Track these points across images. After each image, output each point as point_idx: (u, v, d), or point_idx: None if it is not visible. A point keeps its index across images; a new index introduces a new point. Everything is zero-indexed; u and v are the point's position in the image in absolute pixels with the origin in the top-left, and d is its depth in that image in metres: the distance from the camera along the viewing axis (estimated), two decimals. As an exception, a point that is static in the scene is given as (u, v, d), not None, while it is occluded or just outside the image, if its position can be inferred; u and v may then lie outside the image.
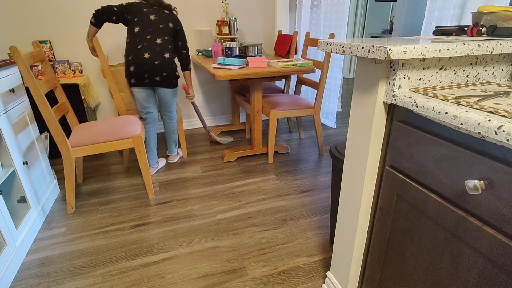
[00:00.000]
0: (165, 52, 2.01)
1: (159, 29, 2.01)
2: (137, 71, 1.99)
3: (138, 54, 1.97)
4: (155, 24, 2.01)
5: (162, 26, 2.02)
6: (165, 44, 2.02)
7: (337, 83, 3.10)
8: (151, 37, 1.99)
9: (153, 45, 1.98)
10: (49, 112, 1.66)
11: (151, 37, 1.99)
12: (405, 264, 0.90)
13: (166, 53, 2.01)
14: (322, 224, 1.75)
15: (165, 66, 2.02)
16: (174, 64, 2.07)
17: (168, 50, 2.03)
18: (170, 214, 1.85)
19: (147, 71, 1.99)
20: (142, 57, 1.96)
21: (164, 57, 2.00)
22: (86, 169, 2.42)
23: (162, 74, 2.02)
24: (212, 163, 2.48)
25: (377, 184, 0.97)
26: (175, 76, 2.11)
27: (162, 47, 2.00)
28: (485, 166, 0.63)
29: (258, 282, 1.38)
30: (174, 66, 2.08)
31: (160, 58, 1.99)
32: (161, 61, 1.99)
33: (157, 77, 2.02)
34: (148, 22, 2.01)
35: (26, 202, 1.67)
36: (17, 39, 2.53)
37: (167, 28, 2.04)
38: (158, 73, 2.01)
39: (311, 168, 2.39)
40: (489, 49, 0.81)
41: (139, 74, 2.00)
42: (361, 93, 0.92)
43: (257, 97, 2.35)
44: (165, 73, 2.03)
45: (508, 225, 0.61)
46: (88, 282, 1.38)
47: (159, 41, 2.00)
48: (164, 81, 2.06)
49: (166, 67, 2.02)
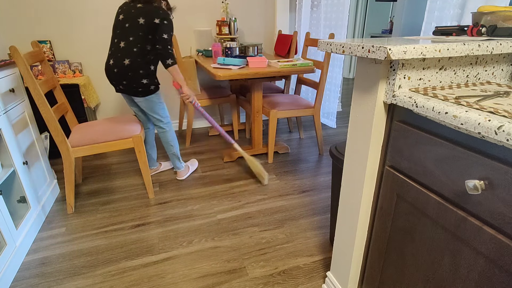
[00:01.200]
0: (126, 57, 1.77)
1: (124, 30, 1.78)
2: (108, 79, 1.88)
3: (107, 60, 1.85)
4: (121, 25, 1.80)
5: (129, 25, 1.77)
6: (128, 47, 1.77)
7: (337, 83, 3.10)
8: (117, 40, 1.80)
9: (117, 50, 1.79)
10: (49, 112, 1.66)
11: (117, 40, 1.80)
12: (405, 264, 0.90)
13: (127, 59, 1.77)
14: (322, 224, 1.75)
15: (124, 74, 1.79)
16: (140, 71, 1.80)
17: (130, 54, 1.77)
18: (170, 214, 1.85)
19: (112, 79, 1.85)
20: (108, 63, 1.82)
21: (123, 63, 1.77)
22: (86, 169, 2.42)
23: (123, 82, 1.81)
24: (212, 163, 2.48)
25: (377, 184, 0.97)
26: (140, 84, 1.82)
27: (124, 51, 1.77)
28: (485, 166, 0.63)
29: (258, 282, 1.38)
30: (138, 73, 1.80)
31: (119, 64, 1.78)
32: (119, 68, 1.78)
33: (119, 85, 1.85)
34: (117, 23, 1.83)
35: (26, 202, 1.67)
36: (17, 39, 2.53)
37: (134, 26, 1.76)
38: (118, 81, 1.82)
39: (311, 168, 2.39)
40: (489, 49, 0.81)
41: (110, 81, 1.88)
42: (361, 93, 0.92)
43: (257, 97, 2.35)
44: (125, 81, 1.80)
45: (508, 225, 0.61)
46: (88, 282, 1.38)
47: (122, 45, 1.78)
48: (127, 90, 1.85)
49: (124, 75, 1.79)
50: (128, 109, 3.02)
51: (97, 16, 2.65)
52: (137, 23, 1.76)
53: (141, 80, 1.82)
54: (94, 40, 2.71)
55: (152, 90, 1.89)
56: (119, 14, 1.82)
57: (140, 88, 1.83)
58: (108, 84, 2.88)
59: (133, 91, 1.84)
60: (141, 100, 1.90)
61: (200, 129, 3.25)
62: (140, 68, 1.80)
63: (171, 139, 2.09)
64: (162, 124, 2.04)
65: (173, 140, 2.10)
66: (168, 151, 2.13)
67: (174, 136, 2.11)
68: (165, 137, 2.07)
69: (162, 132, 2.06)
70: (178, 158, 2.17)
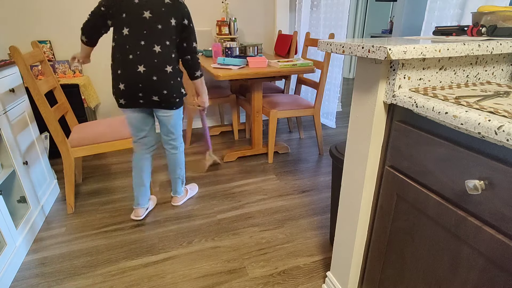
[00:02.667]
0: (167, 63, 1.52)
1: (158, 32, 1.49)
2: (129, 90, 1.51)
3: (129, 66, 1.47)
4: (151, 24, 1.47)
5: (162, 27, 1.49)
6: (167, 52, 1.51)
7: (337, 83, 3.10)
8: (147, 43, 1.48)
9: (150, 55, 1.48)
10: (49, 112, 1.66)
11: (146, 43, 1.48)
12: (405, 264, 0.90)
13: (169, 65, 1.52)
14: (322, 224, 1.75)
15: (166, 83, 1.53)
16: (178, 78, 1.59)
17: (171, 60, 1.53)
18: (170, 214, 1.85)
19: (142, 89, 1.51)
20: (136, 71, 1.47)
21: (165, 70, 1.51)
22: (86, 169, 2.42)
23: (162, 92, 1.53)
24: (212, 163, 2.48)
25: (377, 184, 0.97)
26: (180, 94, 1.61)
27: (163, 56, 1.50)
28: (485, 166, 0.63)
29: (258, 282, 1.38)
30: (178, 81, 1.59)
31: (160, 72, 1.50)
32: (160, 76, 1.51)
33: (156, 96, 1.54)
34: (141, 20, 1.47)
35: (26, 202, 1.67)
36: (17, 39, 2.53)
37: (168, 28, 1.50)
38: (156, 91, 1.53)
39: (311, 168, 2.39)
40: (489, 49, 0.81)
41: (131, 93, 1.51)
42: (361, 93, 0.92)
43: (257, 97, 2.35)
44: (166, 91, 1.54)
45: (508, 225, 0.61)
46: (88, 282, 1.38)
47: (158, 49, 1.49)
48: (166, 101, 1.57)
49: (167, 84, 1.53)
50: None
51: (97, 16, 2.64)
52: (170, 24, 1.50)
53: (181, 89, 1.61)
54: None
55: (183, 101, 1.69)
56: (142, 10, 1.47)
57: (178, 99, 1.61)
58: (108, 85, 2.88)
59: (171, 102, 1.59)
60: (172, 113, 1.66)
61: (200, 129, 3.25)
62: (178, 76, 1.59)
63: (182, 161, 1.86)
64: (179, 142, 1.80)
65: (183, 163, 1.88)
66: (175, 174, 1.87)
67: (184, 158, 1.89)
68: (178, 158, 1.83)
69: (175, 154, 1.81)
70: (182, 183, 1.93)
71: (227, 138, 3.01)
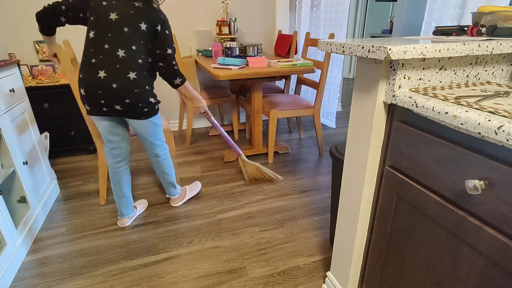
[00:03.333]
0: (131, 69, 1.40)
1: (123, 35, 1.39)
2: (89, 96, 1.42)
3: (90, 71, 1.39)
4: (116, 27, 1.39)
5: (129, 30, 1.40)
6: (132, 58, 1.41)
7: (337, 83, 3.10)
8: (111, 46, 1.39)
9: (113, 59, 1.39)
10: None
11: (110, 46, 1.39)
12: (405, 264, 0.90)
13: (132, 72, 1.41)
14: (322, 224, 1.75)
15: (129, 91, 1.41)
16: (146, 87, 1.47)
17: (136, 66, 1.42)
18: (170, 214, 1.85)
19: (103, 96, 1.40)
20: (96, 76, 1.38)
21: (127, 77, 1.40)
22: (86, 169, 2.42)
23: (124, 101, 1.42)
24: (212, 163, 2.48)
25: (377, 184, 0.97)
26: (148, 103, 1.49)
27: (126, 62, 1.40)
28: (485, 166, 0.63)
29: (258, 282, 1.38)
30: (146, 90, 1.46)
31: (121, 79, 1.39)
32: (121, 84, 1.39)
33: (118, 105, 1.43)
34: (107, 23, 1.39)
35: (26, 202, 1.67)
36: (17, 39, 2.53)
37: (137, 33, 1.41)
38: (118, 100, 1.41)
39: (311, 168, 2.39)
40: (489, 49, 0.81)
41: (92, 100, 1.42)
42: (361, 93, 0.92)
43: (257, 97, 2.35)
44: (129, 100, 1.42)
45: (508, 225, 0.61)
46: (88, 282, 1.38)
47: (121, 54, 1.39)
48: (130, 111, 1.47)
49: (130, 92, 1.41)
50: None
51: (97, 16, 2.64)
52: (138, 28, 1.41)
53: (149, 98, 1.49)
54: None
55: (156, 110, 1.58)
56: (108, 11, 1.40)
57: (146, 108, 1.50)
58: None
59: (136, 112, 1.48)
60: (143, 123, 1.55)
61: (200, 129, 3.25)
62: (146, 83, 1.47)
63: (168, 166, 1.78)
64: (160, 150, 1.70)
65: (170, 167, 1.79)
66: (164, 180, 1.82)
67: (171, 161, 1.80)
68: (163, 163, 1.74)
69: (158, 160, 1.73)
70: (173, 186, 1.87)
71: (227, 138, 3.00)
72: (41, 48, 2.59)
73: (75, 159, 2.59)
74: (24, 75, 2.57)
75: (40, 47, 2.59)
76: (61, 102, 2.45)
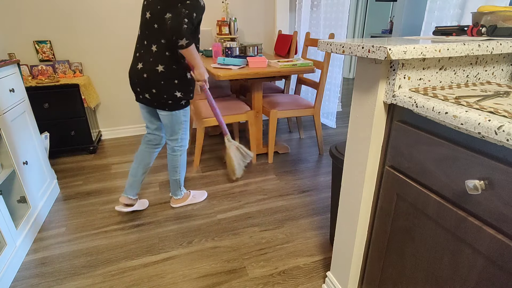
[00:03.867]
0: (160, 62, 1.52)
1: (155, 31, 1.52)
2: (131, 84, 1.63)
3: (134, 63, 1.60)
4: (149, 25, 1.53)
5: (158, 26, 1.50)
6: (161, 51, 1.52)
7: (337, 83, 3.10)
8: (147, 42, 1.55)
9: (148, 53, 1.54)
10: None
11: (147, 42, 1.55)
12: (405, 264, 0.90)
13: (160, 65, 1.52)
14: (322, 224, 1.75)
15: (155, 82, 1.53)
16: (176, 81, 1.56)
17: (163, 59, 1.52)
18: (170, 214, 1.85)
19: (138, 85, 1.58)
20: (136, 67, 1.57)
21: (155, 70, 1.52)
22: (86, 169, 2.42)
23: (152, 91, 1.56)
24: (212, 163, 2.48)
25: (377, 184, 0.97)
26: (173, 96, 1.57)
27: (157, 56, 1.52)
28: (485, 166, 0.63)
29: (258, 282, 1.38)
30: (172, 83, 1.56)
31: (150, 70, 1.52)
32: (149, 75, 1.53)
33: (146, 94, 1.58)
34: (145, 21, 1.55)
35: (26, 202, 1.67)
36: (17, 39, 2.53)
37: (163, 25, 1.50)
38: (147, 89, 1.56)
39: (311, 168, 2.39)
40: (489, 49, 0.81)
41: (133, 87, 1.63)
42: (361, 93, 0.92)
43: (257, 97, 2.35)
44: (155, 90, 1.55)
45: (508, 225, 0.61)
46: (88, 282, 1.38)
47: (154, 49, 1.53)
48: (156, 101, 1.59)
49: (157, 83, 1.53)
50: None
51: (97, 16, 2.64)
52: (165, 21, 1.45)
53: (174, 92, 1.57)
54: (94, 40, 2.71)
55: (182, 105, 1.64)
56: (146, 11, 1.55)
57: (170, 101, 1.58)
58: (108, 84, 2.88)
59: (161, 103, 1.59)
60: (165, 114, 1.64)
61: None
62: (175, 77, 1.55)
63: (180, 165, 1.82)
64: (177, 146, 1.75)
65: (182, 166, 1.83)
66: (171, 175, 1.84)
67: (185, 161, 1.83)
68: (174, 160, 1.79)
69: (171, 155, 1.78)
70: (179, 187, 1.89)
71: (227, 138, 3.00)
72: (41, 48, 2.59)
73: (75, 159, 2.59)
74: (24, 75, 2.57)
75: (40, 47, 2.59)
76: (61, 102, 2.45)
